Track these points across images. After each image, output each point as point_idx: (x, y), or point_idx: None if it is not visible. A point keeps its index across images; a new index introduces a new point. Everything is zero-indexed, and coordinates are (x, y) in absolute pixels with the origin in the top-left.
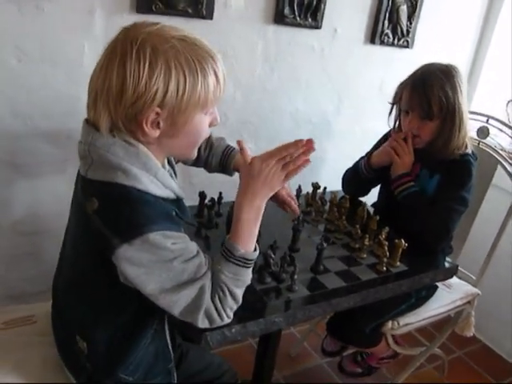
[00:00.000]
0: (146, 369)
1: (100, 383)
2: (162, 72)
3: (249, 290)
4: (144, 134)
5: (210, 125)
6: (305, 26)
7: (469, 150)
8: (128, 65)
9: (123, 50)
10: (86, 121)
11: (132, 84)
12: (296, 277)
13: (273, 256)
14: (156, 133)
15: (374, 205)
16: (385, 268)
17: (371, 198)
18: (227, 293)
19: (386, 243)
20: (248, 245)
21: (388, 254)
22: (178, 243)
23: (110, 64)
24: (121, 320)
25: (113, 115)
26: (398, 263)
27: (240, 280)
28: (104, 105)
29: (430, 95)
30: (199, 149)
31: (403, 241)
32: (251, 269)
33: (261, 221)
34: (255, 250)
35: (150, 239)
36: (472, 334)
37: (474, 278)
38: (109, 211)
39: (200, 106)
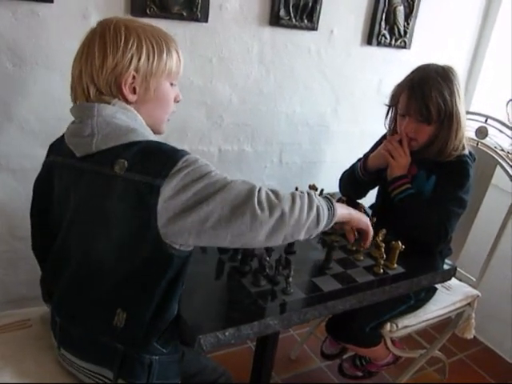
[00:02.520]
0: (175, 340)
1: (133, 364)
2: (135, 43)
3: (243, 293)
4: (124, 98)
5: (175, 100)
6: (301, 28)
7: (466, 151)
8: (107, 40)
9: (102, 32)
10: (76, 105)
11: (111, 53)
12: (291, 279)
13: (268, 259)
14: (134, 97)
15: (372, 207)
16: (382, 270)
17: (370, 199)
18: (306, 196)
19: (383, 245)
20: (339, 209)
21: (385, 255)
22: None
23: (91, 45)
24: (159, 285)
25: (97, 84)
26: (396, 265)
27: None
28: (89, 77)
29: (428, 101)
30: None
31: (400, 243)
32: (325, 210)
33: None
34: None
35: (184, 161)
36: (472, 336)
37: (473, 279)
38: (140, 161)
39: (166, 73)
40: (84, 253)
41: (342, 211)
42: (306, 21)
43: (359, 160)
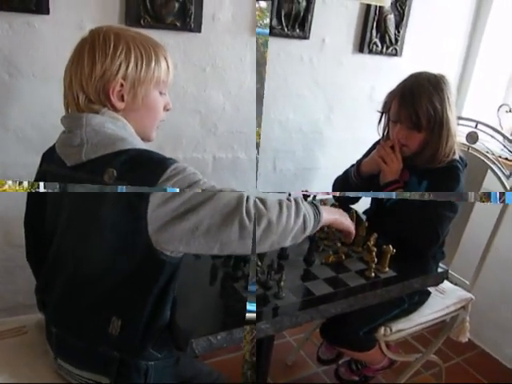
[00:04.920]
0: (170, 345)
1: (130, 371)
2: (124, 51)
3: (235, 297)
4: (112, 106)
5: (164, 108)
6: (293, 37)
7: (456, 156)
8: (96, 48)
9: (92, 40)
10: (65, 116)
11: (100, 60)
12: (283, 284)
13: (259, 263)
14: (122, 105)
15: (365, 212)
16: (373, 274)
17: (364, 205)
18: (292, 203)
19: (375, 249)
20: (325, 214)
21: (376, 259)
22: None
23: (81, 53)
24: (152, 291)
25: (86, 92)
26: (387, 269)
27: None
28: (78, 85)
29: (418, 108)
30: None
31: (391, 247)
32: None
33: None
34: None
35: (173, 169)
36: (467, 339)
37: (467, 283)
38: (129, 170)
39: (155, 82)
40: (78, 259)
41: (328, 216)
42: (297, 30)
43: (352, 166)
